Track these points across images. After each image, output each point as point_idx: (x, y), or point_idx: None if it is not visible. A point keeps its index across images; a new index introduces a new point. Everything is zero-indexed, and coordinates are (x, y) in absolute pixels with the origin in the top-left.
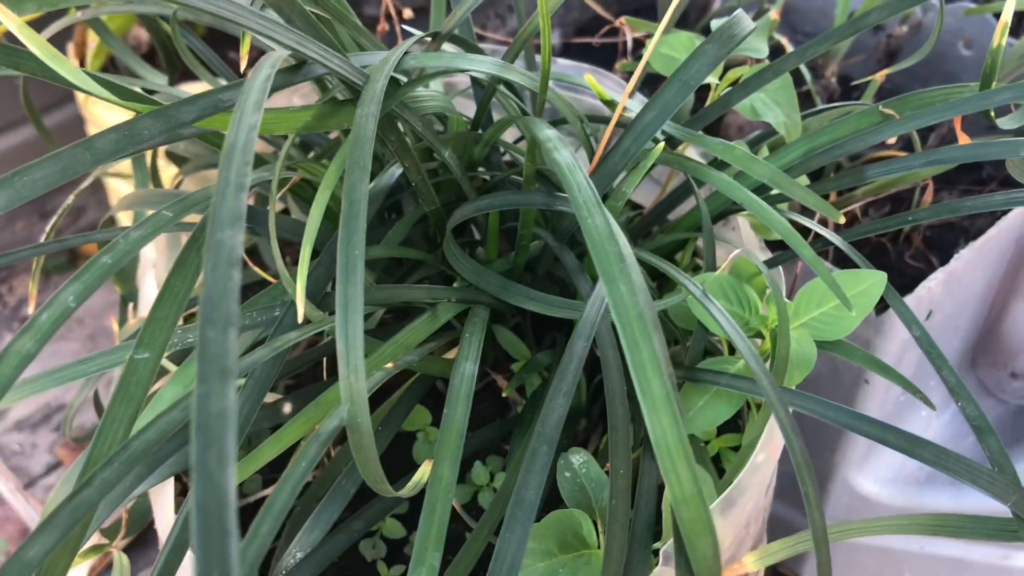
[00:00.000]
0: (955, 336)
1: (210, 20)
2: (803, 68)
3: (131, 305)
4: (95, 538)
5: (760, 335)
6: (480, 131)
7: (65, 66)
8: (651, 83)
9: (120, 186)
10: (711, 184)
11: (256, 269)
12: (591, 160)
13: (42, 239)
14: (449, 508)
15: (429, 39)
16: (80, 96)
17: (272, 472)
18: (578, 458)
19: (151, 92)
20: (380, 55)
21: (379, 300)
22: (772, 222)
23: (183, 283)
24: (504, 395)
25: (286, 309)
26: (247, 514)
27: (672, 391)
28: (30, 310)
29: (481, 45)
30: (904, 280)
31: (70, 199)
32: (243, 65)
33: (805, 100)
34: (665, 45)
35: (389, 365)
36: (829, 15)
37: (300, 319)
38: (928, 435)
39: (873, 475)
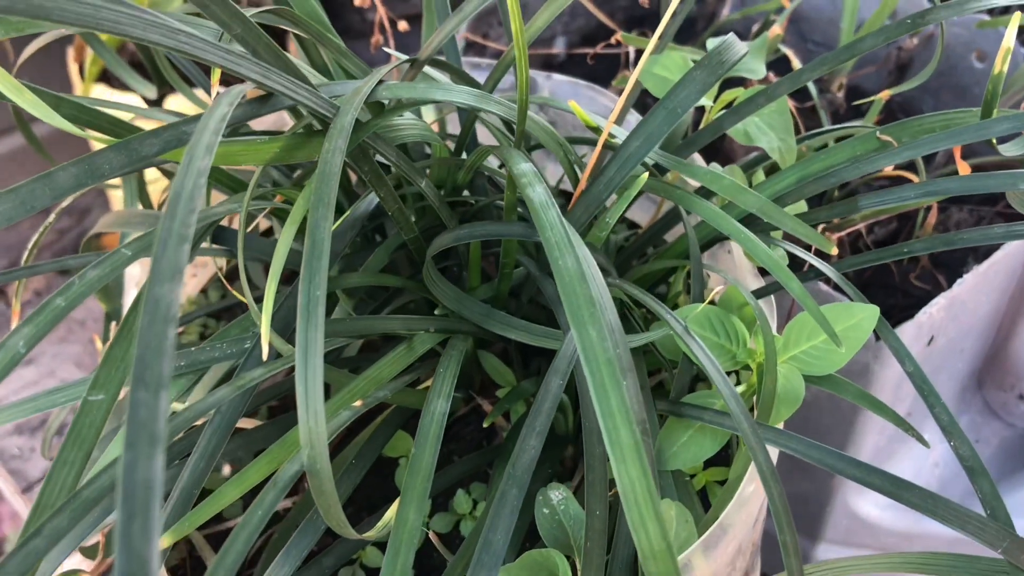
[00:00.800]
0: (959, 359)
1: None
2: (809, 83)
3: (113, 323)
4: (74, 559)
5: (748, 367)
6: (464, 155)
7: (24, 97)
8: (648, 100)
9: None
10: (698, 213)
11: (235, 293)
12: (576, 187)
13: (23, 259)
14: (413, 552)
15: (409, 65)
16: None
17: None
18: (557, 494)
19: (147, 103)
20: (354, 84)
21: (355, 331)
22: (759, 254)
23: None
24: (485, 425)
25: (255, 342)
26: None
27: (641, 441)
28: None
29: (474, 60)
30: (910, 300)
31: (67, 201)
32: (214, 92)
33: (810, 115)
34: (659, 64)
35: (358, 403)
36: (838, 25)
37: (264, 356)
38: (934, 458)
39: (873, 499)
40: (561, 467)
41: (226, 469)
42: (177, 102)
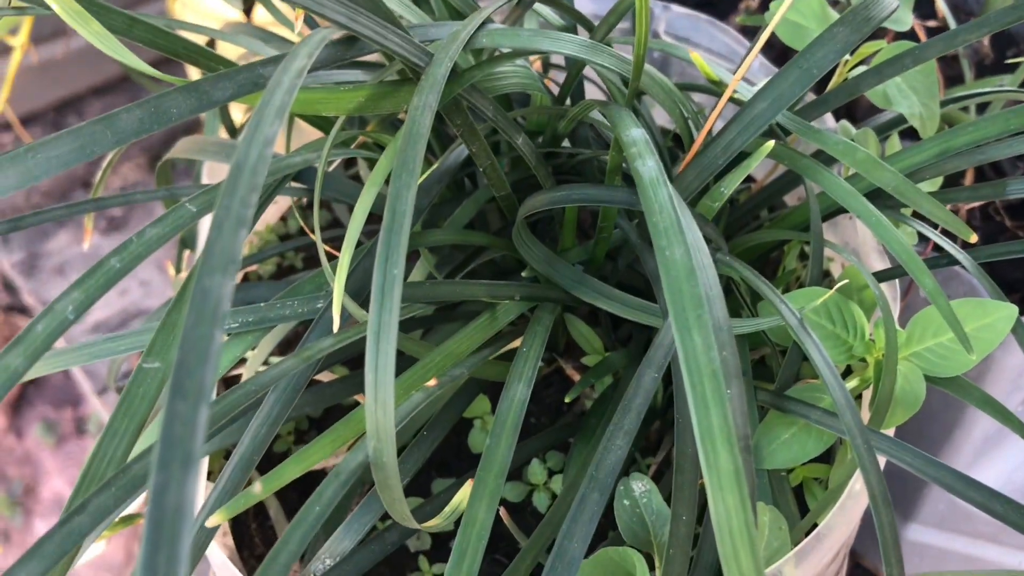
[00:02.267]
0: None
1: None
2: (952, 25)
3: (187, 252)
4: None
5: (864, 360)
6: (568, 104)
7: (91, 28)
8: (771, 46)
9: None
10: (826, 188)
11: (310, 234)
12: (689, 147)
13: (96, 178)
14: (482, 553)
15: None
16: None
17: None
18: (639, 485)
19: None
20: (451, 27)
21: (434, 297)
22: (891, 242)
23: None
24: (567, 400)
25: (329, 302)
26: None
27: (743, 467)
28: (84, 245)
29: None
30: None
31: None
32: (297, 26)
33: (950, 65)
34: (793, 9)
35: (432, 382)
36: None
37: (336, 327)
38: None
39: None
40: (646, 441)
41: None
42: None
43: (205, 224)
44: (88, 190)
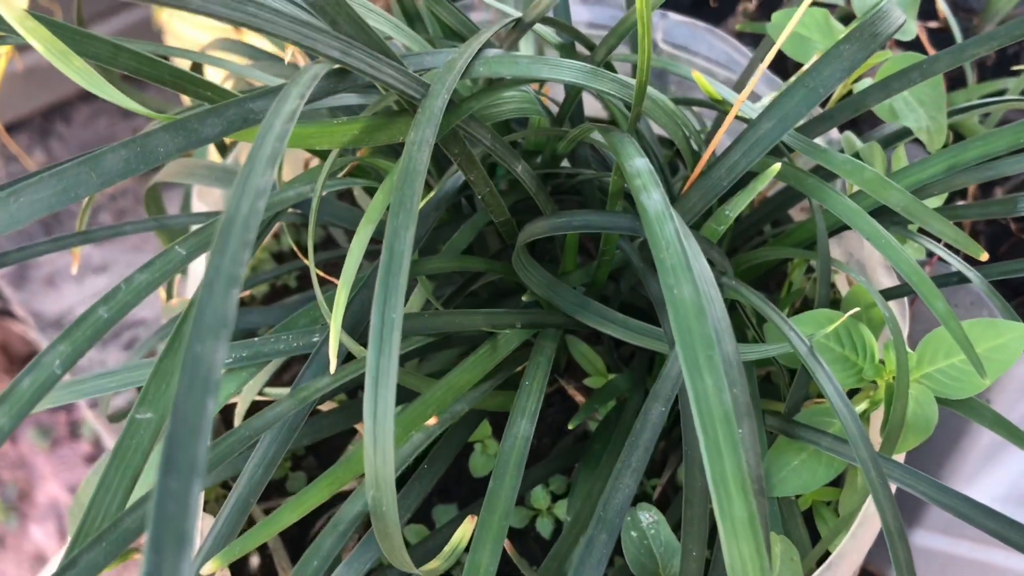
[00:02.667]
0: None
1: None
2: (954, 27)
3: (178, 275)
4: None
5: (874, 382)
6: (567, 125)
7: (72, 65)
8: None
9: None
10: (834, 211)
11: (305, 260)
12: (693, 168)
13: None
14: None
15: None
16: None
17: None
18: (646, 516)
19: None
20: (446, 55)
21: (433, 329)
22: (901, 265)
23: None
24: (570, 427)
25: (325, 337)
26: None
27: (757, 514)
28: (72, 270)
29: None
30: None
31: None
32: (288, 55)
33: (955, 73)
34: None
35: (432, 421)
36: None
37: (332, 369)
38: None
39: (984, 492)
40: (650, 461)
41: None
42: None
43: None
44: None
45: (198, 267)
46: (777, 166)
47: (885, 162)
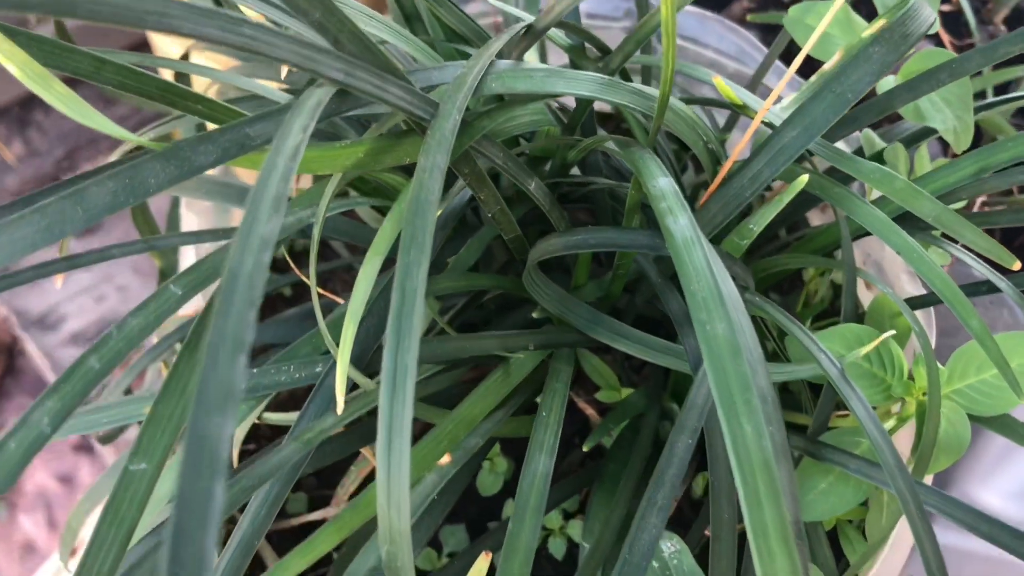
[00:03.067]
0: None
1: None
2: (967, 12)
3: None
4: None
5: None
6: (578, 135)
7: (54, 91)
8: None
9: None
10: (863, 223)
11: (307, 279)
12: (713, 177)
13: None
14: None
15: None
16: None
17: None
18: (669, 546)
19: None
20: (453, 69)
21: (443, 356)
22: (935, 281)
23: (194, 371)
24: (585, 449)
25: (329, 368)
26: None
27: (800, 562)
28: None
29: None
30: None
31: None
32: (283, 73)
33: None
34: (814, 13)
35: (446, 460)
36: None
37: (340, 409)
38: None
39: (997, 488)
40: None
41: None
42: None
43: (187, 254)
44: (72, 163)
45: None
46: (805, 178)
47: (908, 161)
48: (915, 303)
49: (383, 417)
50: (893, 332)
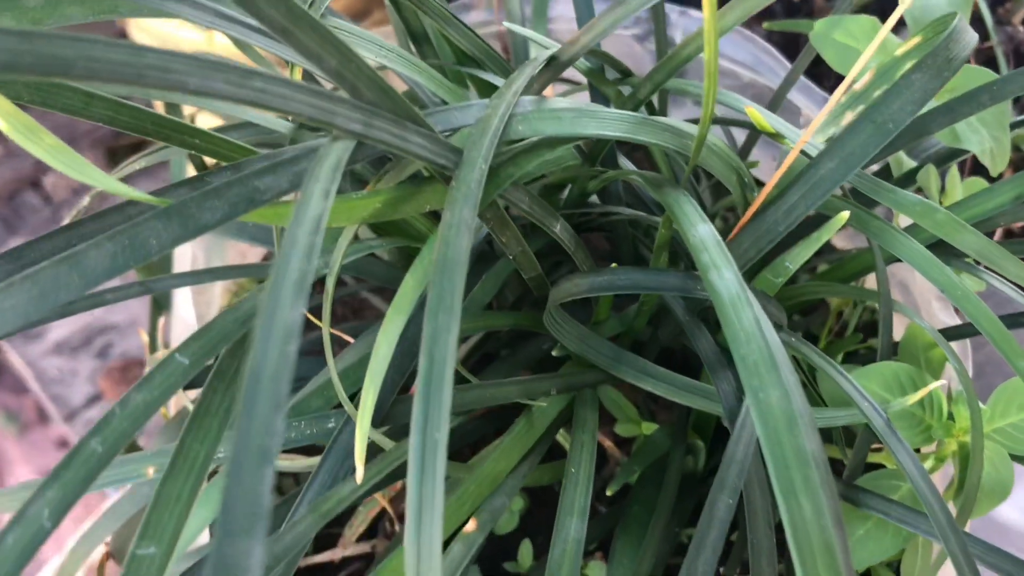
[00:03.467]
0: None
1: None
2: (986, 14)
3: (162, 318)
4: None
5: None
6: (600, 168)
7: (42, 144)
8: (794, 44)
9: None
10: (904, 258)
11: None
12: (745, 210)
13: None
14: None
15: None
16: None
17: None
18: None
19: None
20: (476, 109)
21: (463, 406)
22: (983, 323)
23: (202, 445)
24: (609, 493)
25: (343, 424)
26: None
27: None
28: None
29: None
30: None
31: None
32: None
33: (983, 62)
34: (841, 29)
35: (471, 526)
36: None
37: (359, 478)
38: None
39: (1014, 502)
40: (683, 517)
41: None
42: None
43: (183, 296)
44: (36, 190)
45: (182, 310)
46: (845, 214)
47: (938, 184)
48: (950, 334)
49: (412, 500)
50: (943, 382)
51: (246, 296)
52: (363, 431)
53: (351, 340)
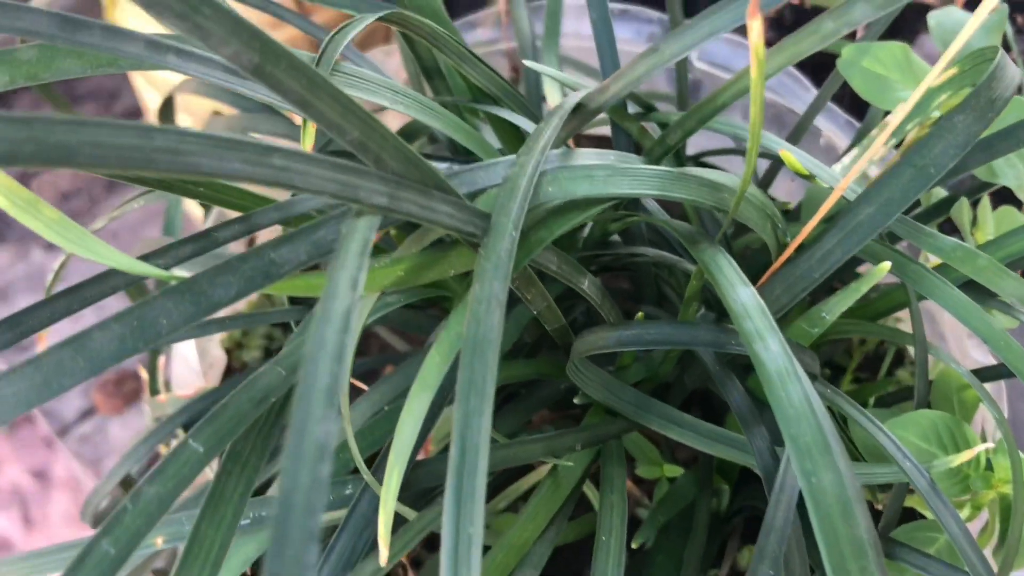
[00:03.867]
0: None
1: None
2: (1007, 28)
3: (162, 357)
4: None
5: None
6: (624, 212)
7: (43, 217)
8: (820, 67)
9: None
10: (943, 305)
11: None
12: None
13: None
14: None
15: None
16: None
17: None
18: None
19: None
20: (501, 167)
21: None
22: None
23: (217, 532)
24: (633, 546)
25: (361, 490)
26: None
27: None
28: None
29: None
30: None
31: None
32: (305, 140)
33: None
34: (870, 56)
35: None
36: None
37: (383, 560)
38: None
39: None
40: (705, 558)
41: None
42: None
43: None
44: (27, 180)
45: (182, 346)
46: (886, 265)
47: (971, 216)
48: (985, 375)
49: None
50: (991, 445)
51: (261, 371)
52: (387, 514)
53: (363, 386)
